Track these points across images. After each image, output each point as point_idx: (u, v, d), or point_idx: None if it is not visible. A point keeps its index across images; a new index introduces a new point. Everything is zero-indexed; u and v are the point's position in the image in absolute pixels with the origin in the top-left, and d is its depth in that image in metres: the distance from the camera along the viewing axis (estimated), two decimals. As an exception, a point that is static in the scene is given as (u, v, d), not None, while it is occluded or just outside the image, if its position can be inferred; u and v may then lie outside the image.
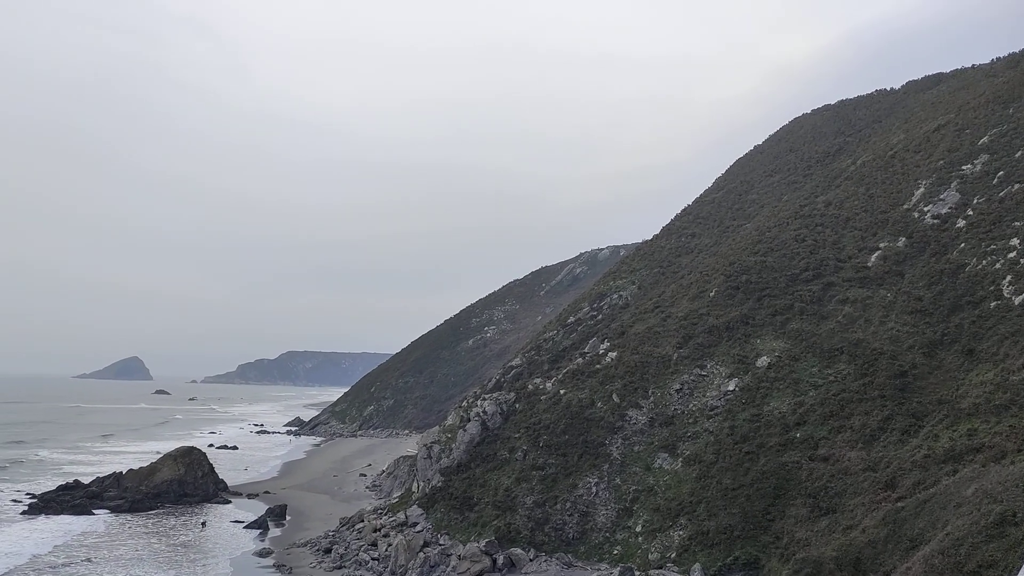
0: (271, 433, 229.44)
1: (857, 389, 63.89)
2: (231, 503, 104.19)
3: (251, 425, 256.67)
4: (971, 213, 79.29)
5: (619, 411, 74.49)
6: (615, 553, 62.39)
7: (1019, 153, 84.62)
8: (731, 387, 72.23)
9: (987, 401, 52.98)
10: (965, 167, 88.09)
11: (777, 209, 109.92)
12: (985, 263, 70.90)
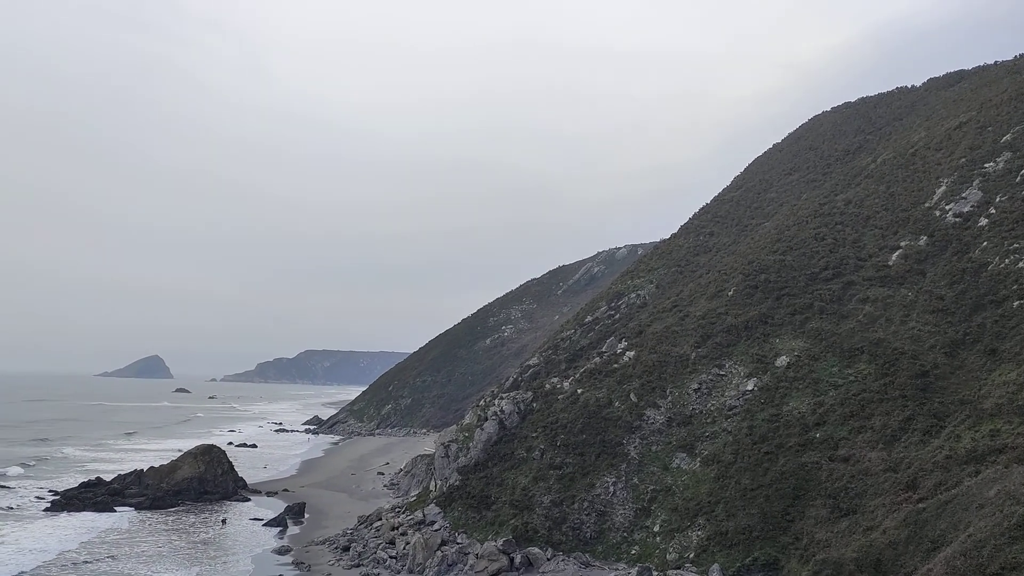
0: (290, 431, 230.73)
1: (878, 389, 63.39)
2: (250, 501, 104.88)
3: (270, 423, 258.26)
4: (993, 211, 78.41)
5: (637, 410, 74.32)
6: (633, 553, 62.25)
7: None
8: (750, 387, 71.86)
9: (1010, 401, 52.37)
10: (987, 165, 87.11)
11: (796, 207, 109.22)
12: (1008, 262, 70.10)
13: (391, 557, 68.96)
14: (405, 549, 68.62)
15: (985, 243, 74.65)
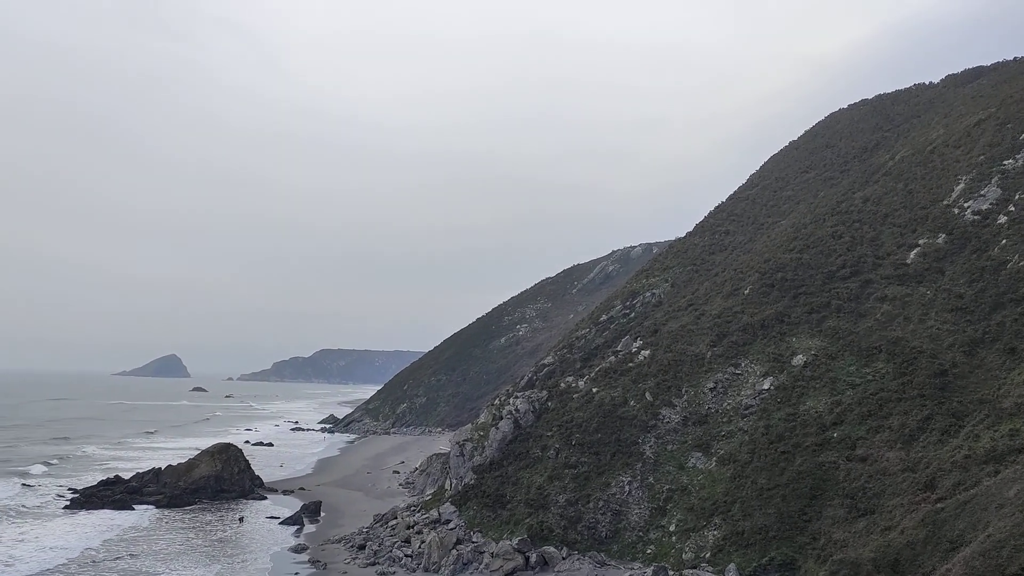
0: (306, 430, 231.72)
1: (896, 388, 62.96)
2: (267, 499, 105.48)
3: (286, 422, 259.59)
4: (1013, 209, 77.63)
5: (652, 410, 74.17)
6: (648, 552, 62.15)
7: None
8: (766, 386, 71.55)
9: (1030, 401, 51.89)
10: (1007, 162, 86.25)
11: (813, 205, 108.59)
12: (1028, 260, 69.39)
13: (407, 555, 69.19)
14: (420, 548, 68.82)
15: (1004, 241, 73.95)
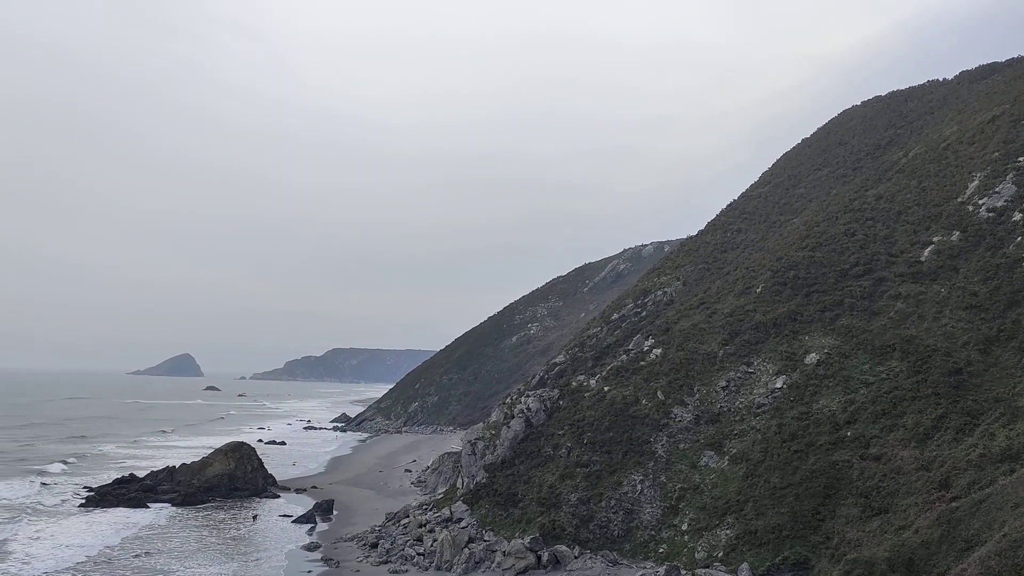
0: (318, 429, 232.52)
1: (910, 387, 62.59)
2: (280, 497, 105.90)
3: (299, 421, 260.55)
4: (1029, 206, 77.01)
5: (664, 408, 74.03)
6: (661, 551, 62.02)
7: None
8: (779, 384, 71.28)
9: (1046, 399, 51.50)
10: (1021, 159, 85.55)
11: (826, 203, 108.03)
12: (1044, 257, 68.85)
13: (419, 554, 69.31)
14: (433, 546, 68.93)
15: (1019, 238, 73.38)
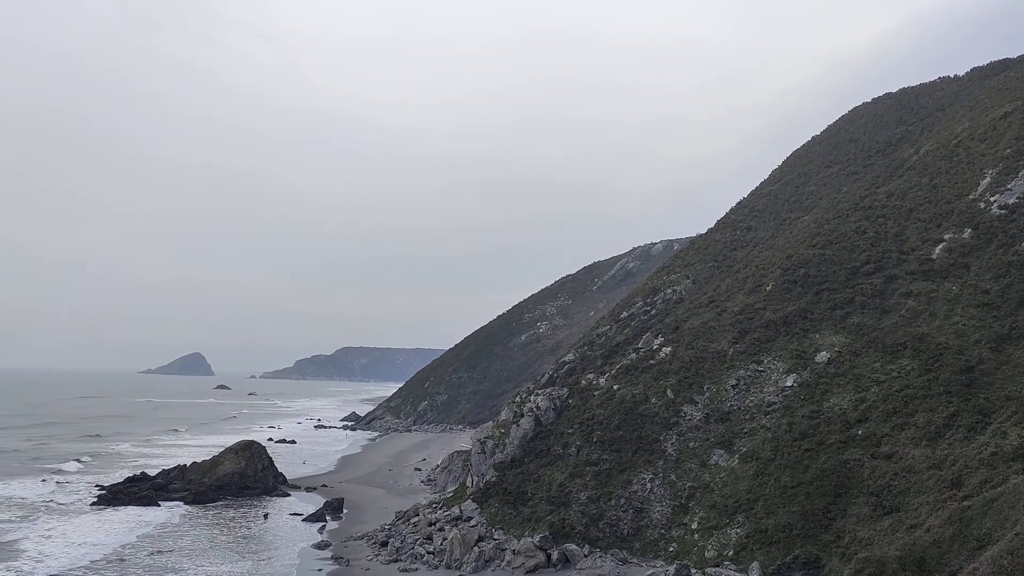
0: (328, 428, 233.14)
1: (921, 385, 62.28)
2: (290, 496, 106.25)
3: (309, 419, 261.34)
4: (1041, 203, 76.52)
5: (674, 407, 73.89)
6: (671, 550, 61.92)
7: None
8: (789, 383, 71.04)
9: (1059, 397, 51.17)
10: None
11: (836, 201, 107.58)
12: (1056, 254, 68.39)
13: (428, 552, 69.42)
14: (442, 545, 69.03)
15: (1032, 235, 72.88)
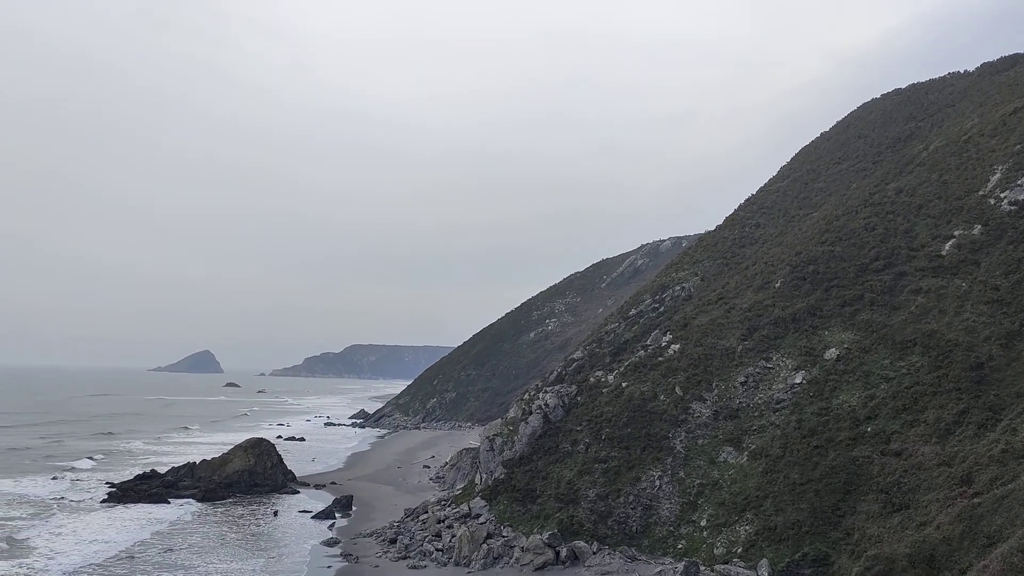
0: (337, 425, 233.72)
1: (931, 382, 62.03)
2: (299, 493, 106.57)
3: (317, 417, 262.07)
4: (1052, 198, 76.05)
5: (682, 404, 73.78)
6: (679, 547, 61.88)
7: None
8: (798, 380, 70.85)
9: (1070, 394, 50.87)
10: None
11: (845, 197, 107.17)
12: (1068, 250, 67.94)
13: (437, 550, 69.53)
14: (451, 542, 69.14)
15: (1043, 231, 72.45)
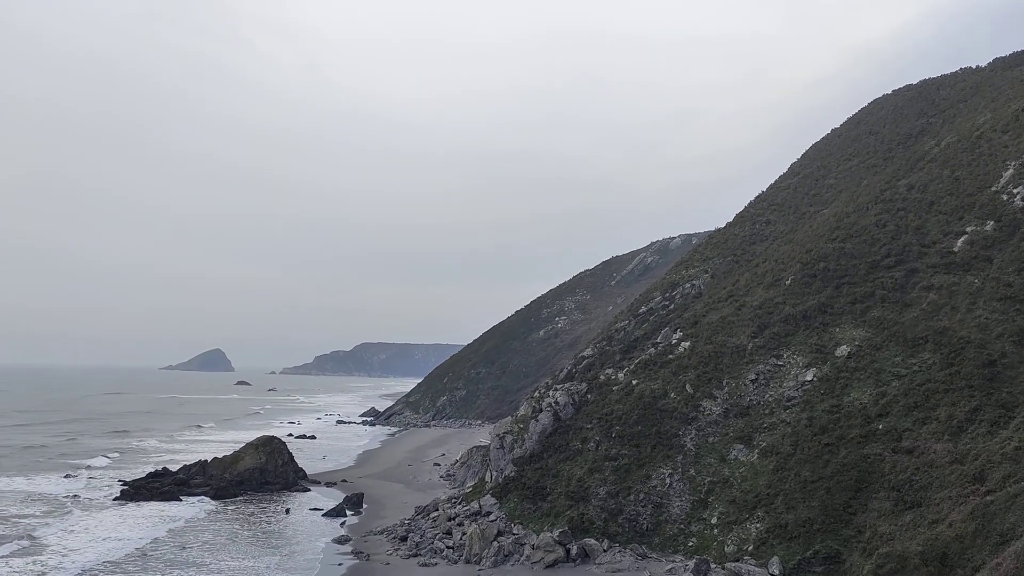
0: (347, 423, 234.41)
1: (943, 379, 61.77)
2: (310, 491, 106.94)
3: (328, 415, 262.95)
4: (1066, 194, 75.57)
5: (693, 402, 73.70)
6: (690, 545, 61.86)
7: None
8: (809, 377, 70.67)
9: (1084, 391, 50.57)
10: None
11: (856, 194, 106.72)
12: (1081, 246, 67.50)
13: (448, 547, 69.70)
14: (462, 539, 69.28)
15: (1056, 227, 72.01)
